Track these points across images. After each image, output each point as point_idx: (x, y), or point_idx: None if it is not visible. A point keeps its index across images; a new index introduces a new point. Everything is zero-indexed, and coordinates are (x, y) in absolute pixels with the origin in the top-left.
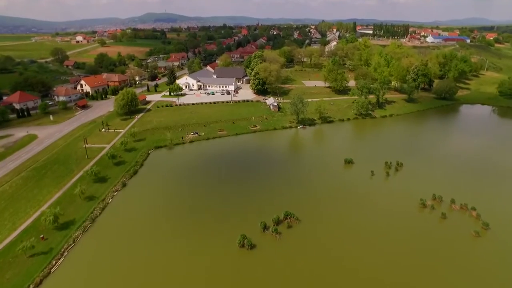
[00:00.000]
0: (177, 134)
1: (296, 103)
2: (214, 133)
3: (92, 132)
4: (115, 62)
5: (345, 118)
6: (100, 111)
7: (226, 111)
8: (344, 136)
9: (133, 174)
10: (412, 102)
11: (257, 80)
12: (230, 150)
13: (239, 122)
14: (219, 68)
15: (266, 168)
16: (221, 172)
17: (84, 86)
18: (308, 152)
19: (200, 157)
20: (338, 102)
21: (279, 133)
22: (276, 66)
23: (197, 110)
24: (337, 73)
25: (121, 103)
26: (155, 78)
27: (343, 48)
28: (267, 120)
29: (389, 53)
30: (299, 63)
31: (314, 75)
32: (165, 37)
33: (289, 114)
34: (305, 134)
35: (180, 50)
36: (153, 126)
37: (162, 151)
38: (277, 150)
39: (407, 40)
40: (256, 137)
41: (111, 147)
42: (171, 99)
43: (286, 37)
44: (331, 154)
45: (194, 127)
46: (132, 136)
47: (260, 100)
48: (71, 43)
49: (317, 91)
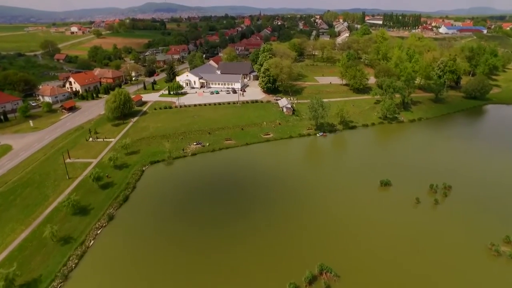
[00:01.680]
0: (177, 144)
1: (315, 107)
2: (221, 143)
3: (78, 141)
4: (110, 55)
5: (369, 122)
6: (90, 114)
7: (233, 114)
8: (372, 146)
9: (123, 201)
10: (439, 103)
11: (267, 77)
12: (240, 167)
13: (248, 129)
14: (223, 63)
15: (284, 194)
16: (230, 199)
17: (73, 84)
18: (334, 170)
19: (204, 176)
20: (358, 103)
21: (296, 143)
22: (288, 62)
23: (200, 113)
24: (356, 70)
25: (112, 106)
26: (153, 74)
27: (358, 40)
28: (281, 126)
29: (409, 46)
30: (309, 57)
31: (328, 71)
32: (164, 27)
33: (305, 118)
34: (326, 143)
35: (181, 42)
36: (149, 133)
37: (159, 167)
38: (296, 166)
39: (419, 31)
40: (269, 147)
41: (98, 163)
42: (171, 99)
43: (291, 27)
44: (361, 172)
45: (196, 135)
46: (124, 149)
47: (271, 101)
48: (66, 34)
49: (333, 89)
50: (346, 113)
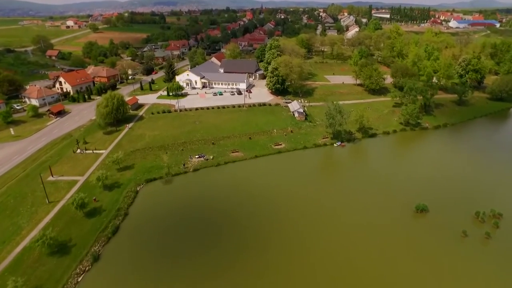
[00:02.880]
0: (176, 157)
1: (333, 113)
2: (226, 156)
3: (64, 153)
4: (106, 51)
5: (390, 129)
6: (80, 119)
7: (239, 120)
8: (398, 159)
9: (111, 233)
10: (463, 105)
11: (275, 77)
12: (249, 186)
13: (257, 138)
14: (226, 61)
15: (300, 220)
16: (239, 229)
17: (63, 85)
18: (357, 190)
19: (209, 199)
20: (375, 106)
21: (311, 155)
22: (298, 60)
23: (202, 119)
24: (372, 69)
25: (104, 112)
26: (151, 72)
27: (370, 36)
28: (293, 134)
29: (426, 42)
30: (317, 53)
31: (338, 69)
32: (164, 21)
33: (319, 123)
34: (345, 155)
35: (181, 36)
36: (145, 144)
37: (156, 187)
38: (313, 184)
39: (428, 25)
40: (281, 161)
41: (85, 183)
42: (169, 102)
43: (295, 21)
44: (390, 193)
45: (199, 145)
46: (116, 164)
47: (280, 104)
48: (61, 29)
49: (347, 90)
50: (366, 120)
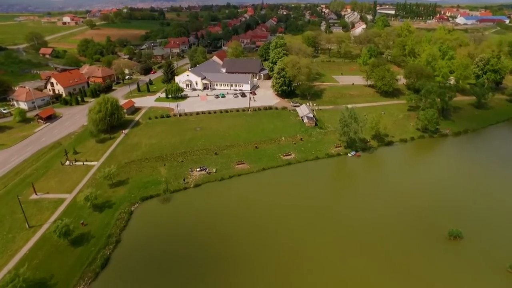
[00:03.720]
0: (175, 170)
1: (347, 120)
2: (231, 169)
3: (51, 166)
4: (102, 49)
5: (407, 136)
6: (72, 125)
7: (243, 126)
8: (420, 172)
9: (100, 267)
10: (483, 109)
11: (281, 79)
12: (257, 204)
13: (264, 146)
14: (229, 60)
15: (321, 253)
16: (248, 260)
17: (55, 86)
18: (381, 210)
19: (212, 221)
20: (389, 110)
21: (324, 166)
22: (307, 60)
23: (204, 124)
24: (385, 70)
25: (97, 118)
26: (150, 71)
27: (380, 34)
28: (303, 142)
29: (439, 40)
30: (323, 52)
31: (346, 68)
32: (163, 17)
33: (331, 130)
34: (361, 167)
35: (180, 33)
36: (141, 154)
37: (153, 206)
38: (329, 202)
39: (435, 21)
40: (292, 174)
41: (72, 203)
42: (168, 105)
43: (298, 18)
44: (417, 214)
45: (200, 156)
46: (108, 179)
47: (288, 108)
48: (57, 25)
49: (357, 92)
50: (383, 128)
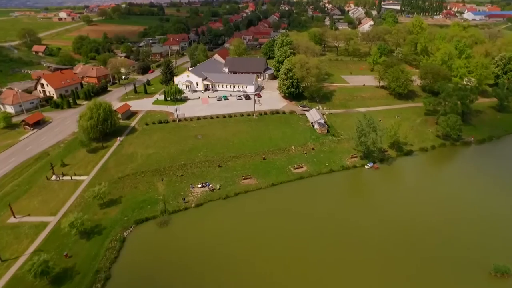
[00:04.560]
0: (175, 186)
1: (365, 130)
2: (237, 184)
3: (35, 181)
4: (98, 47)
5: (428, 145)
6: (62, 132)
7: (249, 133)
8: (448, 189)
9: None
10: (505, 112)
11: (289, 80)
12: (267, 228)
13: (272, 157)
14: (231, 59)
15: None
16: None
17: (46, 87)
18: (411, 237)
19: (216, 249)
20: (404, 114)
21: (339, 180)
22: (316, 60)
23: (206, 131)
24: (399, 70)
25: (88, 125)
26: (148, 71)
27: (390, 31)
28: (315, 151)
29: (454, 37)
30: (330, 49)
31: (355, 67)
32: (163, 13)
33: (344, 138)
34: (380, 181)
35: (180, 30)
36: (136, 167)
37: (149, 231)
38: (349, 226)
39: (442, 17)
40: (304, 190)
41: (55, 228)
42: (167, 108)
43: (300, 13)
44: (454, 242)
45: (202, 169)
46: (98, 199)
47: (296, 112)
48: (53, 21)
49: (369, 94)
50: (403, 137)
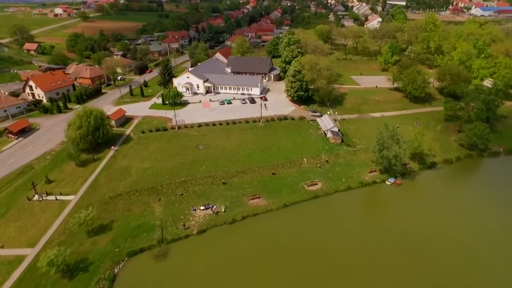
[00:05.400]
0: (174, 207)
1: (387, 142)
2: (244, 205)
3: (14, 203)
4: (93, 45)
5: (453, 156)
6: (50, 141)
7: (256, 142)
8: (485, 210)
9: None
10: None
11: (298, 82)
12: (281, 259)
13: (283, 172)
14: (234, 58)
15: None
16: None
17: (34, 90)
18: (444, 271)
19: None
20: (423, 119)
21: (358, 199)
22: (327, 61)
23: (208, 141)
24: (416, 72)
25: (77, 135)
26: (145, 71)
27: (402, 28)
28: (329, 164)
29: (469, 35)
30: (337, 48)
31: (364, 67)
32: (162, 9)
33: (360, 148)
34: (405, 200)
35: (180, 26)
36: (130, 183)
37: (143, 265)
38: (373, 258)
39: (449, 13)
40: (320, 212)
41: (32, 264)
42: (165, 114)
43: (303, 9)
44: (492, 274)
45: (204, 186)
46: (85, 225)
47: (306, 117)
48: (48, 17)
49: (383, 97)
50: (428, 148)
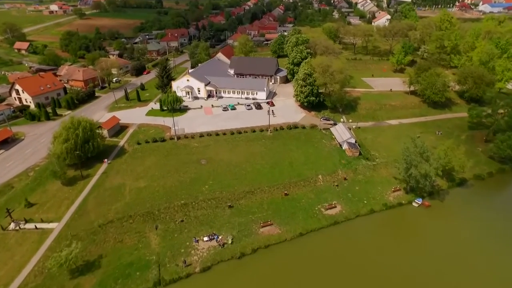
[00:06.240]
0: (173, 237)
1: (415, 160)
2: (254, 234)
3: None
4: (88, 44)
5: (484, 171)
6: (34, 153)
7: (264, 156)
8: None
9: None
10: None
11: (309, 87)
12: None
13: (296, 192)
14: (237, 59)
15: None
16: None
17: (21, 94)
18: None
19: None
20: (445, 127)
21: (384, 225)
22: (341, 64)
23: (211, 154)
24: (435, 75)
25: (64, 150)
26: (142, 72)
27: (415, 26)
28: (347, 182)
29: (493, 34)
30: (346, 47)
31: (375, 67)
32: (161, 5)
33: (380, 162)
34: (436, 226)
35: (179, 24)
36: (123, 207)
37: None
38: None
39: (457, 10)
40: (342, 242)
41: None
42: (163, 122)
43: (306, 6)
44: None
45: (208, 210)
46: (67, 265)
47: (318, 126)
48: (43, 14)
49: (399, 101)
50: (461, 166)
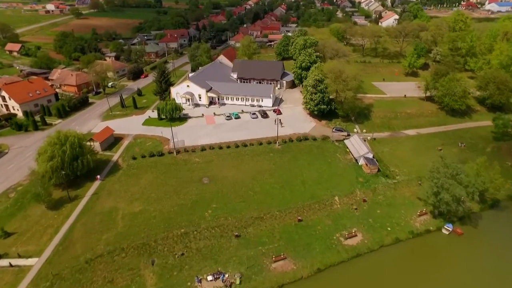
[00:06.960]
0: (171, 275)
1: (446, 183)
2: (265, 271)
3: None
4: (84, 45)
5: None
6: (18, 170)
7: (273, 174)
8: None
9: None
10: None
11: (320, 94)
12: None
13: (311, 217)
14: (241, 62)
15: None
16: None
17: (8, 101)
18: None
19: None
20: (468, 138)
21: (412, 257)
22: (355, 69)
23: (214, 171)
24: (454, 80)
25: (49, 169)
26: (140, 75)
27: (426, 27)
28: (368, 204)
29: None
30: (354, 49)
31: (385, 71)
32: (160, 5)
33: (402, 180)
34: (472, 257)
35: (179, 24)
36: (114, 238)
37: None
38: None
39: (463, 9)
40: (366, 279)
41: None
42: (161, 133)
43: (308, 5)
44: None
45: (212, 240)
46: None
47: (330, 137)
48: (39, 14)
49: (415, 109)
50: (497, 188)
